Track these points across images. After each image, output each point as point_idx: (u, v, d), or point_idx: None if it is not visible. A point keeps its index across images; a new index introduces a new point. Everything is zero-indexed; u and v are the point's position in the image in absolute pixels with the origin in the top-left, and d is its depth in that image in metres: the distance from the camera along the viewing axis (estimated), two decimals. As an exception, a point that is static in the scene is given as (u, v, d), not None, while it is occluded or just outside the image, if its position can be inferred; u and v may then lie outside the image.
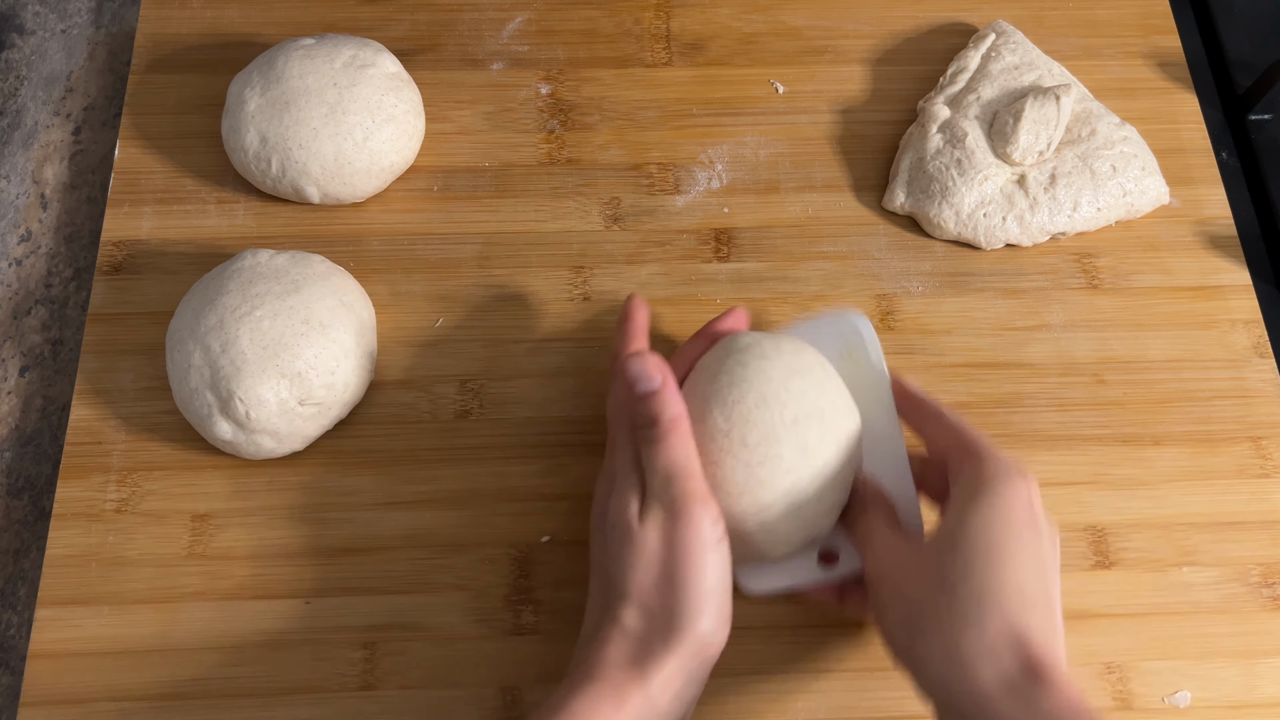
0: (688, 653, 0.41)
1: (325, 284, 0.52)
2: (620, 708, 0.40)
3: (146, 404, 0.54)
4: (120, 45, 0.66)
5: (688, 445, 0.43)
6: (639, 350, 0.46)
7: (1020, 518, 0.41)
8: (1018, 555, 0.40)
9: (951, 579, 0.40)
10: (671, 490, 0.42)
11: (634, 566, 0.41)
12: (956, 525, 0.41)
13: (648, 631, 0.41)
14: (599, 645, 0.41)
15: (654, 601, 0.41)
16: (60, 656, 0.49)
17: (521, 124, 0.62)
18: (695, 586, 0.41)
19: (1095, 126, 0.59)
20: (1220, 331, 0.57)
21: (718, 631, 0.42)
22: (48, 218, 0.61)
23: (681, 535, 0.41)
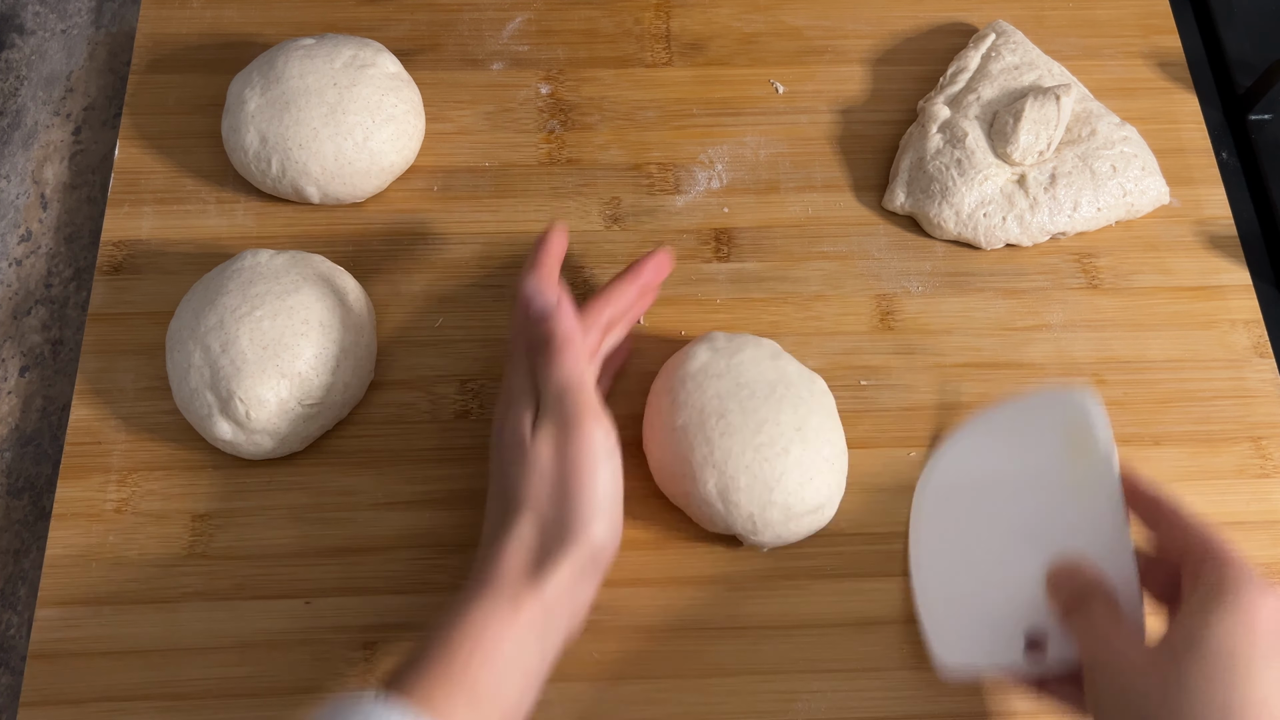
0: (581, 557, 0.42)
1: (325, 284, 0.52)
2: (516, 612, 0.41)
3: (146, 404, 0.54)
4: (120, 45, 0.66)
5: (580, 362, 0.44)
6: (538, 272, 0.47)
7: (1269, 630, 0.38)
8: (1264, 670, 0.38)
9: (1190, 686, 0.38)
10: (564, 404, 0.43)
11: (528, 478, 0.43)
12: (1197, 630, 0.39)
13: (543, 539, 0.42)
14: (495, 555, 0.42)
15: (548, 511, 0.42)
16: (60, 656, 0.49)
17: (521, 124, 0.62)
18: (588, 494, 0.42)
19: (1095, 126, 0.59)
20: (1220, 331, 0.57)
21: (610, 537, 0.43)
22: (48, 218, 0.61)
23: (574, 446, 0.43)
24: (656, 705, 0.49)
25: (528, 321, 0.46)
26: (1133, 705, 0.39)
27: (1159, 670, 0.39)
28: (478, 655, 0.40)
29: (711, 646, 0.50)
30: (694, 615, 0.50)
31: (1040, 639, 0.45)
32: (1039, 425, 0.46)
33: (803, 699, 0.49)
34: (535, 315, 0.45)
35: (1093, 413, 0.45)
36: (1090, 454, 0.45)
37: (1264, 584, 0.39)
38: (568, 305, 0.46)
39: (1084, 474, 0.45)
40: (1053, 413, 0.46)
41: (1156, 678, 0.39)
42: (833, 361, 0.56)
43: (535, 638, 0.41)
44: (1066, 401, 0.46)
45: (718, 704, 0.49)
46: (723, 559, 0.51)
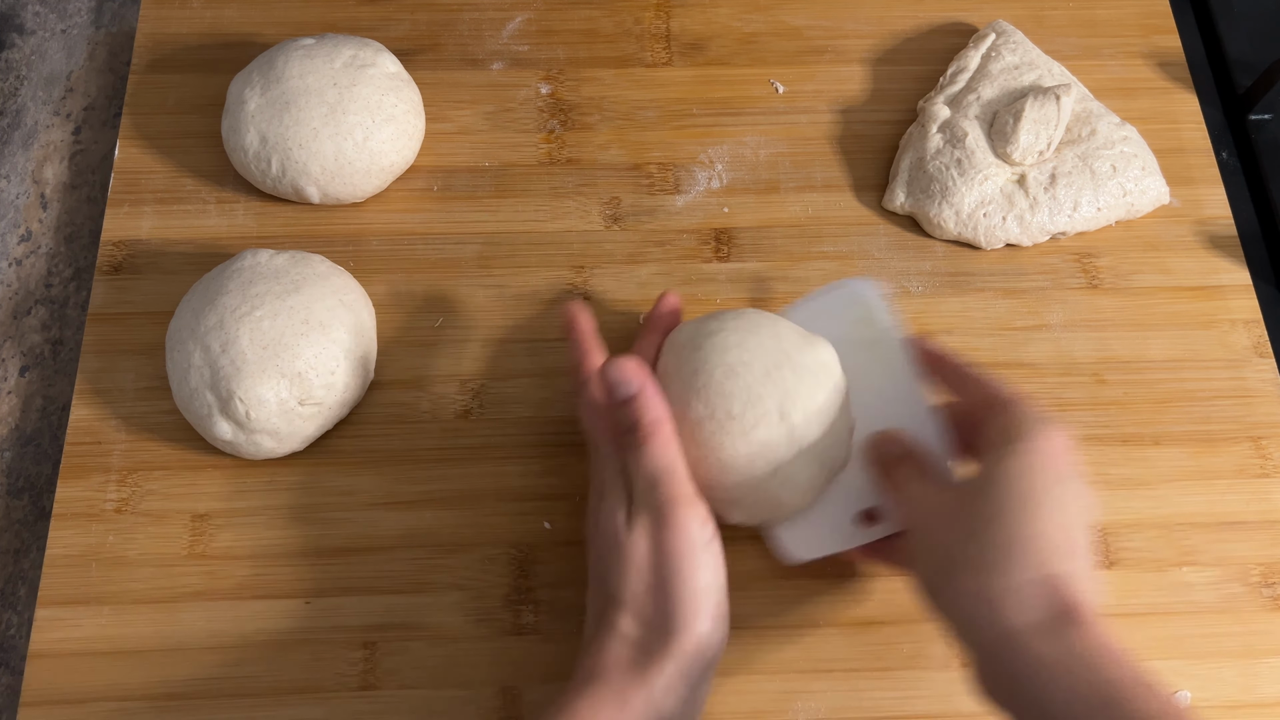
0: (687, 655, 0.40)
1: (325, 284, 0.52)
2: (623, 709, 0.40)
3: (146, 404, 0.54)
4: (120, 45, 0.66)
5: (671, 448, 0.43)
6: (612, 358, 0.45)
7: (1052, 467, 0.41)
8: (1048, 504, 0.40)
9: (981, 525, 0.40)
10: (657, 494, 0.42)
11: (625, 574, 0.41)
12: (987, 472, 0.41)
13: (645, 638, 0.41)
14: (598, 651, 0.41)
15: (648, 608, 0.41)
16: (60, 656, 0.49)
17: (521, 124, 0.62)
18: (688, 590, 0.41)
19: (1095, 126, 0.59)
20: (1220, 331, 0.57)
21: (715, 631, 0.41)
22: (48, 218, 0.61)
23: (670, 539, 0.41)
24: (656, 705, 0.49)
25: (611, 408, 0.44)
26: (939, 548, 0.42)
27: (957, 514, 0.42)
28: None
29: (711, 646, 0.50)
30: (694, 615, 0.50)
31: (874, 513, 0.48)
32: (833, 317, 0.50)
33: (803, 699, 0.49)
34: (620, 403, 0.44)
35: (869, 294, 0.50)
36: (874, 330, 0.49)
37: (1047, 423, 0.42)
38: (652, 388, 0.44)
39: (877, 352, 0.49)
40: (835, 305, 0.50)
41: (956, 521, 0.41)
42: (833, 361, 0.56)
43: None
44: (842, 291, 0.50)
45: (718, 704, 0.49)
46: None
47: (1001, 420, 0.43)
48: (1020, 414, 0.42)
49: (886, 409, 0.48)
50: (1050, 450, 0.41)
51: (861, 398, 0.48)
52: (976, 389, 0.45)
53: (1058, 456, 0.41)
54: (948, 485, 0.44)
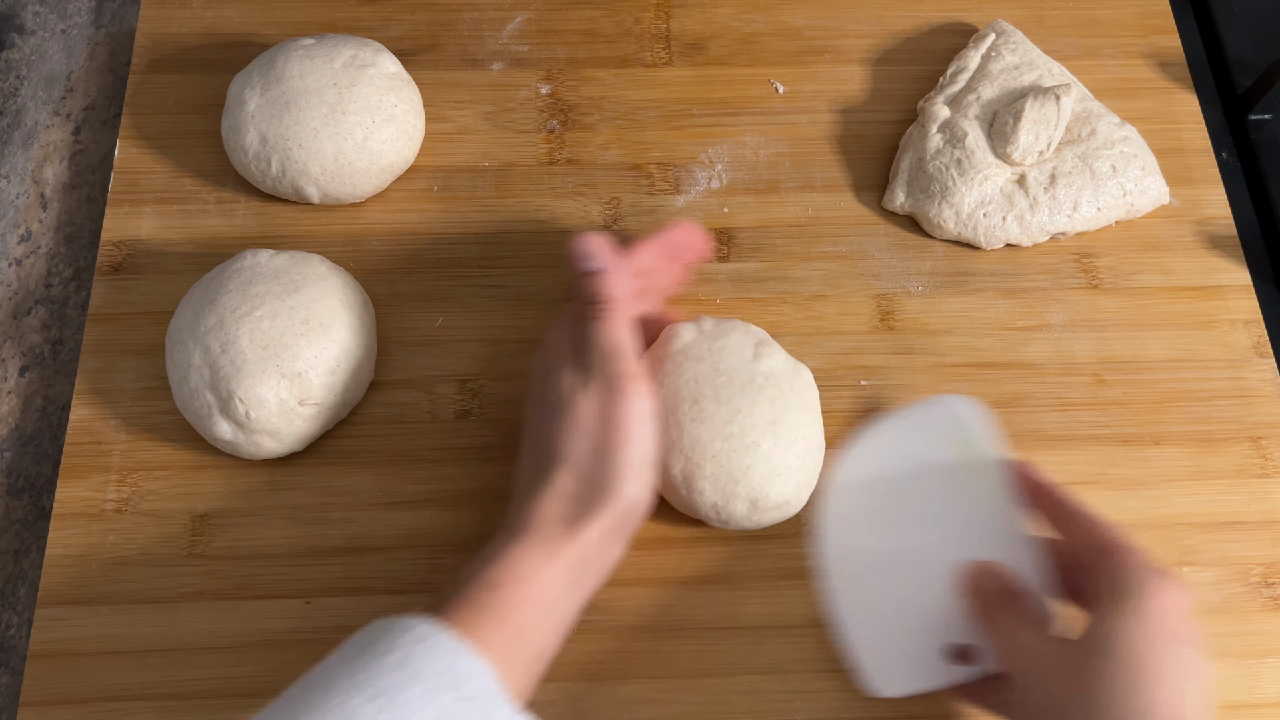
0: (616, 514, 0.43)
1: (325, 284, 0.52)
2: (551, 559, 0.42)
3: (146, 404, 0.54)
4: (120, 45, 0.66)
5: (626, 325, 0.45)
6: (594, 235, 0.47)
7: (1174, 630, 0.39)
8: (1170, 672, 0.39)
9: (1102, 690, 0.39)
10: (609, 367, 0.45)
11: (570, 434, 0.44)
12: (1104, 633, 0.40)
13: (580, 493, 0.43)
14: (533, 503, 0.44)
15: (588, 467, 0.44)
16: (60, 656, 0.49)
17: (521, 124, 0.62)
18: (627, 456, 0.44)
19: (1095, 126, 0.59)
20: (1220, 331, 0.57)
21: (643, 498, 0.45)
22: (48, 218, 0.61)
23: (617, 409, 0.44)
24: (656, 705, 0.49)
25: (577, 278, 0.46)
26: (1050, 710, 0.40)
27: (1073, 675, 0.40)
28: (517, 593, 0.41)
29: (711, 646, 0.50)
30: (694, 615, 0.50)
31: (966, 649, 0.45)
32: (925, 436, 0.47)
33: (803, 699, 0.49)
34: (586, 273, 0.46)
35: (970, 416, 0.46)
36: (976, 455, 0.46)
37: (1163, 579, 0.40)
38: (622, 270, 0.46)
39: (974, 476, 0.46)
40: (936, 421, 0.47)
41: (1071, 683, 0.40)
42: (832, 361, 0.56)
43: (569, 585, 0.43)
44: (944, 409, 0.47)
45: (718, 704, 0.49)
46: (723, 558, 0.51)
47: (1113, 570, 0.41)
48: (1134, 565, 0.41)
49: (982, 541, 0.45)
50: (1167, 610, 0.40)
51: (954, 526, 0.46)
52: (1084, 530, 0.43)
53: (1175, 617, 0.40)
54: (1054, 637, 0.42)
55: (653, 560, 0.51)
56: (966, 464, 0.46)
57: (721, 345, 0.50)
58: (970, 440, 0.46)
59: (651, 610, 0.50)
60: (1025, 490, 0.46)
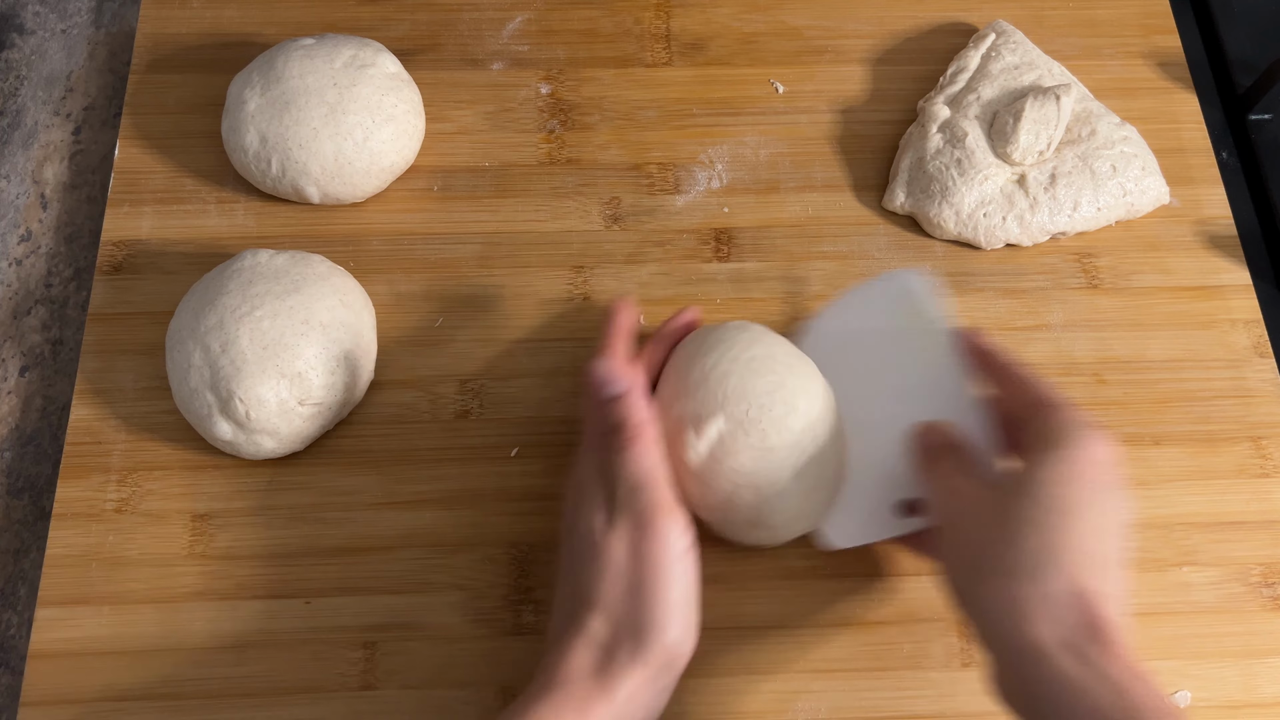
0: (655, 663, 0.40)
1: (325, 284, 0.52)
2: (585, 716, 0.39)
3: (146, 404, 0.54)
4: (120, 45, 0.66)
5: (653, 453, 0.43)
6: (608, 355, 0.46)
7: (1093, 476, 0.40)
8: (1088, 514, 0.39)
9: (1015, 529, 0.40)
10: (638, 500, 0.41)
11: (601, 576, 0.41)
12: (1027, 475, 0.41)
13: (614, 641, 0.40)
14: (564, 653, 0.41)
15: (621, 612, 0.41)
16: (60, 656, 0.49)
17: (521, 124, 0.62)
18: (663, 597, 0.40)
19: (1095, 126, 0.59)
20: (1220, 331, 0.57)
21: (685, 641, 0.41)
22: (48, 218, 0.61)
23: (649, 546, 0.41)
24: (656, 705, 0.49)
25: (597, 406, 0.44)
26: (971, 548, 0.41)
27: (992, 512, 0.41)
28: None
29: (711, 646, 0.50)
30: (694, 615, 0.50)
31: (915, 504, 0.48)
32: (881, 309, 0.50)
33: (803, 699, 0.49)
34: (606, 401, 0.43)
35: (916, 287, 0.49)
36: (926, 325, 0.49)
37: (1092, 431, 0.41)
38: (640, 391, 0.44)
39: (924, 344, 0.49)
40: (883, 296, 0.50)
41: (991, 522, 0.41)
42: (833, 361, 0.56)
43: None
44: (891, 282, 0.50)
45: (718, 704, 0.49)
46: (723, 559, 0.51)
47: (1045, 423, 0.42)
48: (1064, 418, 0.42)
49: (930, 402, 0.48)
50: (1092, 459, 0.40)
51: (905, 390, 0.48)
52: (1022, 388, 0.45)
53: (1099, 465, 0.40)
54: (985, 482, 0.43)
55: (653, 560, 0.51)
56: (919, 332, 0.49)
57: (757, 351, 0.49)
58: (923, 310, 0.49)
59: (651, 610, 0.50)
60: (970, 353, 0.48)
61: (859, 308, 0.51)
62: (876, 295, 0.51)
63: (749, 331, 0.49)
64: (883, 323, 0.50)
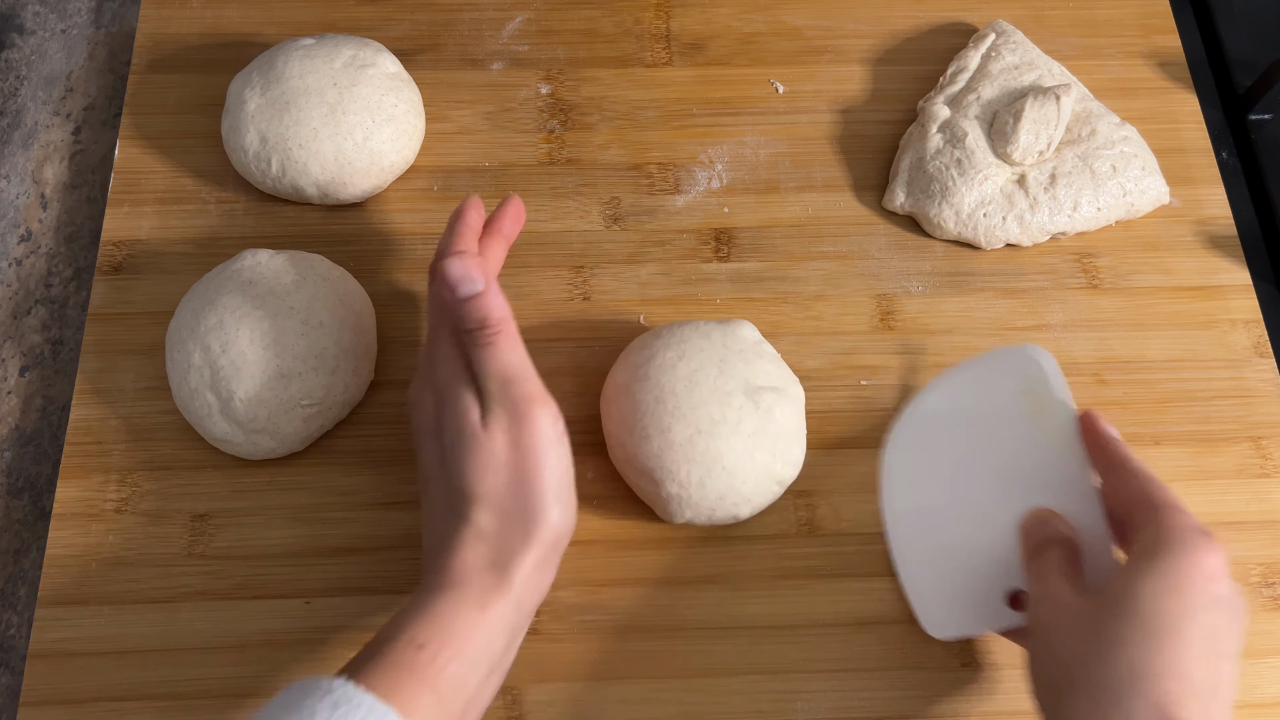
0: (544, 545, 0.42)
1: (325, 284, 0.52)
2: (484, 609, 0.40)
3: (146, 404, 0.54)
4: (120, 45, 0.66)
5: (518, 346, 0.44)
6: (460, 251, 0.44)
7: (1198, 591, 0.37)
8: (1187, 634, 0.36)
9: (1108, 646, 0.37)
10: (511, 393, 0.42)
11: (484, 470, 0.42)
12: (1125, 585, 0.38)
13: (504, 531, 0.41)
14: (454, 550, 0.41)
15: (507, 502, 0.42)
16: (60, 656, 0.49)
17: (521, 124, 0.62)
18: (546, 483, 0.42)
19: (1095, 126, 0.59)
20: (1220, 331, 0.57)
21: (566, 521, 0.43)
22: (48, 218, 0.61)
23: (527, 436, 0.42)
24: (656, 705, 0.49)
25: (454, 305, 0.43)
26: (1053, 660, 0.39)
27: (1086, 622, 0.38)
28: (444, 653, 0.39)
29: (711, 646, 0.50)
30: (694, 615, 0.50)
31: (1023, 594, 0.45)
32: (997, 384, 0.47)
33: (803, 699, 0.49)
34: (463, 299, 0.43)
35: (1046, 365, 0.46)
36: (1047, 405, 0.46)
37: (1202, 543, 0.38)
38: (495, 286, 0.43)
39: (1044, 425, 0.46)
40: (1008, 370, 0.47)
41: (1082, 629, 0.38)
42: (833, 361, 0.56)
43: (503, 631, 0.41)
44: (1020, 358, 0.46)
45: (718, 704, 0.49)
46: (722, 559, 0.51)
47: (1151, 528, 0.39)
48: (1172, 524, 0.39)
49: (1048, 490, 0.45)
50: (1196, 570, 0.37)
51: (1022, 471, 0.46)
52: (1132, 484, 0.41)
53: (1202, 578, 0.37)
54: (1083, 589, 0.40)
55: (653, 560, 0.51)
56: (1036, 412, 0.46)
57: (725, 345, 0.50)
58: (1041, 388, 0.46)
59: (651, 610, 0.50)
60: (1087, 439, 0.44)
61: (973, 379, 0.48)
62: (993, 368, 0.47)
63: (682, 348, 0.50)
64: (998, 397, 0.46)
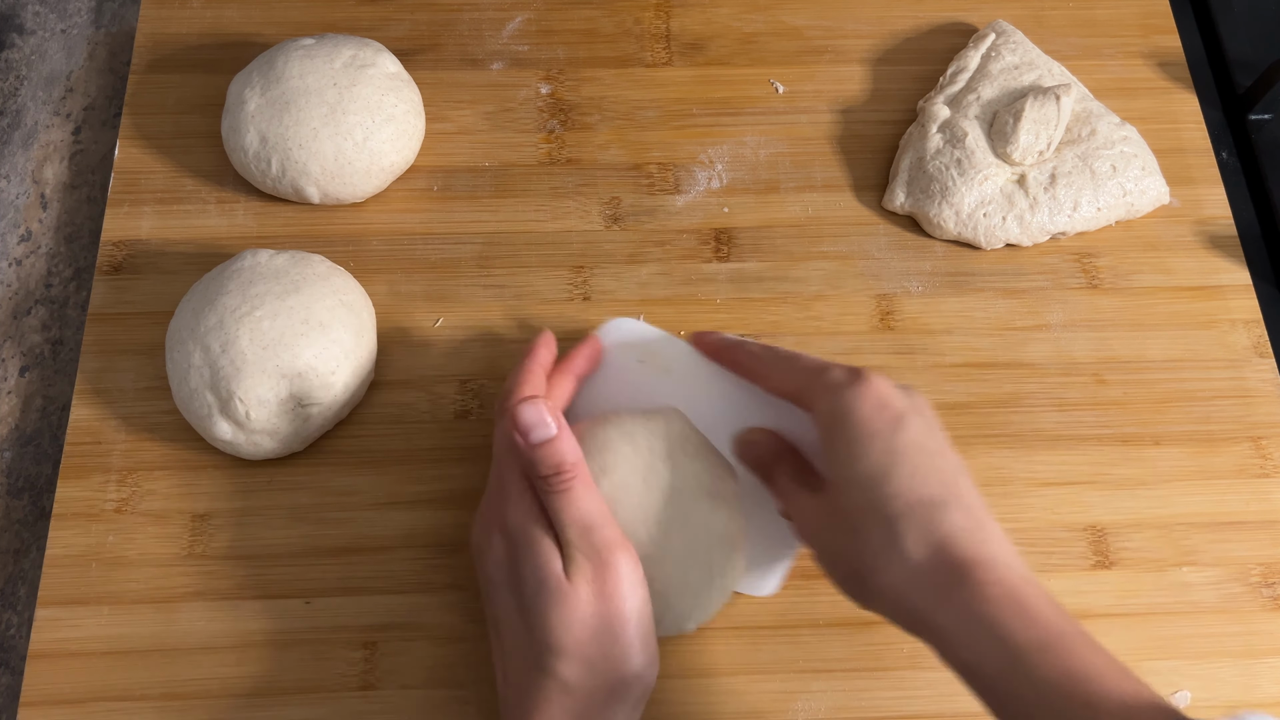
0: (632, 697, 0.41)
1: (325, 284, 0.52)
2: None
3: (146, 404, 0.54)
4: (120, 45, 0.66)
5: (594, 491, 0.42)
6: (531, 395, 0.43)
7: (879, 424, 0.40)
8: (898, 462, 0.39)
9: (853, 515, 0.39)
10: (592, 540, 0.41)
11: (570, 622, 0.40)
12: (832, 463, 0.41)
13: (590, 684, 0.40)
14: (539, 705, 0.40)
15: (593, 653, 0.40)
16: (60, 656, 0.49)
17: (521, 124, 0.62)
18: (632, 632, 0.41)
19: (1095, 126, 0.59)
20: (1220, 331, 0.57)
21: (652, 670, 0.42)
22: (48, 218, 0.61)
23: (611, 585, 0.41)
24: (656, 705, 0.49)
25: (527, 450, 0.42)
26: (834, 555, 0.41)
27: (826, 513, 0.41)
28: None
29: (711, 646, 0.50)
30: (694, 615, 0.50)
31: None
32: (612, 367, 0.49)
33: (802, 699, 0.49)
34: (536, 445, 0.42)
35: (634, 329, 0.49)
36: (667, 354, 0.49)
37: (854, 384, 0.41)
38: (568, 430, 0.42)
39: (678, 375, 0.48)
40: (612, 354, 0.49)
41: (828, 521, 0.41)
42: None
43: None
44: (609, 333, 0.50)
45: (718, 704, 0.49)
46: (723, 559, 0.51)
47: (818, 399, 0.42)
48: (827, 385, 0.41)
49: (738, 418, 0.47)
50: (865, 407, 0.40)
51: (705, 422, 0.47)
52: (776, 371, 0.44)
53: (874, 410, 0.40)
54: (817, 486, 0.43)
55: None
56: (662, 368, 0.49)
57: None
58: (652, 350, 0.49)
59: (651, 610, 0.50)
60: (712, 357, 0.47)
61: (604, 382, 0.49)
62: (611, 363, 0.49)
63: None
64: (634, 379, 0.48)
